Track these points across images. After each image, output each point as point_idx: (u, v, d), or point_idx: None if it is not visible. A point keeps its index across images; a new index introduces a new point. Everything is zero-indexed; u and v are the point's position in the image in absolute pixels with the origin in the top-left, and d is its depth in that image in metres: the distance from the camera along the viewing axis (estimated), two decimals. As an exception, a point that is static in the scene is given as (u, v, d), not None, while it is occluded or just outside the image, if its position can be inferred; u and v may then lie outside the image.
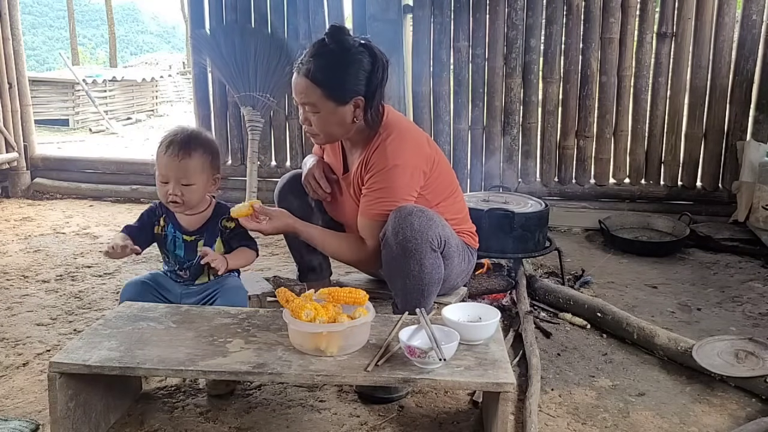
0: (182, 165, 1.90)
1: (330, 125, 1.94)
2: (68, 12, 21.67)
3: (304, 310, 1.58)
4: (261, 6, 4.12)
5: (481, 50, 3.86)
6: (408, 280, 1.89)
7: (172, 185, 1.91)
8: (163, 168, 1.92)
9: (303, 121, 1.97)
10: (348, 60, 1.88)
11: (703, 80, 3.69)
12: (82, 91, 10.60)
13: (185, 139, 1.92)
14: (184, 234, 2.00)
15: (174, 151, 1.90)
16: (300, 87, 1.90)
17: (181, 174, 1.91)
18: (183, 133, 1.94)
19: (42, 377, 2.00)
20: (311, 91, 1.88)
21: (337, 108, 1.90)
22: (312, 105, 1.90)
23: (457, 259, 2.04)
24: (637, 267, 3.20)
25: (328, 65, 1.87)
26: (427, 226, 1.86)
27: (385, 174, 1.92)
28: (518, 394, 1.91)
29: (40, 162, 4.90)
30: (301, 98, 1.92)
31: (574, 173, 3.95)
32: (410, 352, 1.54)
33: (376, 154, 1.95)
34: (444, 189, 2.07)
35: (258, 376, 1.56)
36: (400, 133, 1.97)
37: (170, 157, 1.90)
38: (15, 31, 4.68)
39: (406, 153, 1.95)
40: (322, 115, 1.91)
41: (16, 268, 3.12)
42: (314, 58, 1.88)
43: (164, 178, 1.93)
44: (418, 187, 1.97)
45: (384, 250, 1.91)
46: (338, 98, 1.89)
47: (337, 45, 1.89)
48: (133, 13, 45.70)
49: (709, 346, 2.08)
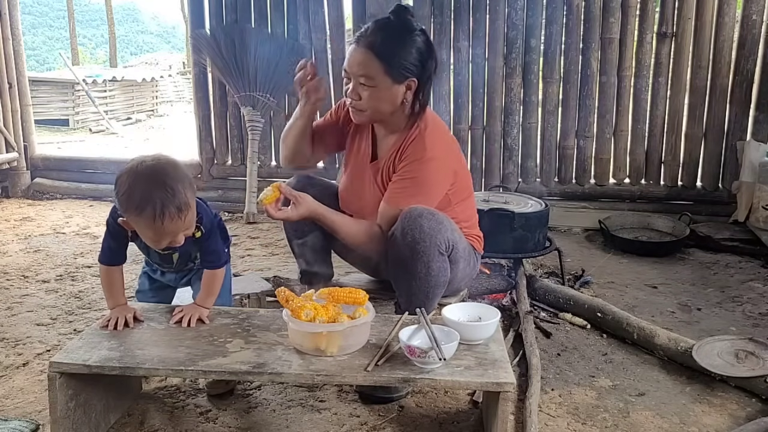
0: (185, 222, 1.66)
1: (381, 101, 1.91)
2: (68, 12, 21.70)
3: (304, 310, 1.58)
4: (261, 6, 4.12)
5: (481, 50, 3.85)
6: (414, 282, 1.88)
7: (167, 241, 1.69)
8: (165, 235, 1.66)
9: (351, 94, 1.92)
10: (411, 39, 1.88)
11: (703, 80, 3.69)
12: (82, 91, 10.60)
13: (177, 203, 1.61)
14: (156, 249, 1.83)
15: (173, 216, 1.62)
16: (359, 58, 1.87)
17: (184, 228, 1.68)
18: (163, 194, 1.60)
19: (42, 377, 2.00)
20: (371, 63, 1.85)
21: (392, 85, 1.88)
22: (369, 78, 1.87)
23: (463, 263, 2.03)
24: (637, 267, 3.20)
25: (391, 40, 1.86)
26: (436, 229, 1.85)
27: (420, 165, 1.92)
28: (518, 394, 1.91)
29: (40, 162, 4.90)
30: (359, 69, 1.87)
31: (574, 173, 3.95)
32: (410, 352, 1.54)
33: (413, 144, 1.94)
34: (464, 190, 2.08)
35: (258, 376, 1.56)
36: (438, 129, 2.00)
37: (172, 222, 1.62)
38: (15, 31, 4.69)
39: (444, 149, 1.97)
40: (375, 90, 1.88)
41: (16, 268, 3.12)
42: (378, 31, 1.86)
43: (166, 239, 1.68)
44: (448, 185, 1.98)
45: (391, 250, 1.90)
46: (396, 75, 1.87)
47: (402, 24, 1.89)
48: (133, 13, 45.72)
49: (709, 346, 2.08)
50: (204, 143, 4.41)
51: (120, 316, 1.74)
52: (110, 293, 1.81)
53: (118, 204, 1.65)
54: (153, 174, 1.63)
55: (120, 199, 1.64)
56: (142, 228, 1.66)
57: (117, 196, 1.64)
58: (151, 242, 1.72)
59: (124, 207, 1.64)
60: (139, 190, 1.60)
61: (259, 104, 4.07)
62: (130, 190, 1.61)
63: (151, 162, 1.66)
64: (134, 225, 1.67)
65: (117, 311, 1.77)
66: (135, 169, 1.64)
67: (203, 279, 1.87)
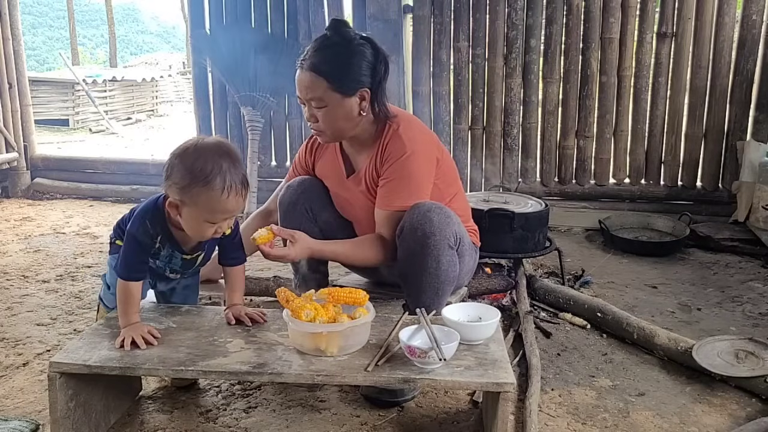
0: (245, 200, 1.70)
1: (337, 119, 1.90)
2: (68, 12, 21.69)
3: (304, 310, 1.58)
4: (261, 6, 4.12)
5: (481, 50, 3.86)
6: (424, 278, 1.88)
7: (227, 222, 1.69)
8: (225, 213, 1.65)
9: (309, 119, 1.93)
10: (351, 51, 1.86)
11: (703, 80, 3.69)
12: (82, 91, 10.60)
13: (242, 177, 1.65)
14: (183, 254, 1.81)
15: (238, 192, 1.64)
16: (305, 82, 1.87)
17: (235, 211, 1.68)
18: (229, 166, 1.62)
19: (42, 377, 2.00)
20: (316, 84, 1.85)
21: (343, 100, 1.87)
22: (318, 99, 1.87)
23: (467, 257, 2.04)
24: (637, 267, 3.20)
25: (332, 57, 1.85)
26: (445, 223, 1.85)
27: (402, 163, 1.91)
28: (518, 394, 1.91)
29: (40, 162, 4.90)
30: (306, 93, 1.88)
31: (574, 173, 3.95)
32: (410, 352, 1.54)
33: (390, 145, 1.93)
34: (453, 181, 2.08)
35: (258, 376, 1.56)
36: (408, 122, 1.98)
37: (235, 198, 1.63)
38: (15, 31, 4.69)
39: (421, 139, 1.96)
40: (328, 109, 1.88)
41: (16, 268, 3.12)
42: (317, 51, 1.86)
43: (222, 218, 1.66)
44: (433, 173, 1.97)
45: (401, 246, 1.89)
46: (344, 89, 1.86)
47: (340, 37, 1.87)
48: (133, 13, 45.72)
49: (709, 346, 2.08)
50: (204, 143, 4.40)
51: (135, 335, 1.64)
52: (125, 311, 1.69)
53: (181, 175, 1.60)
54: (219, 147, 1.64)
55: (181, 174, 1.59)
56: (203, 204, 1.60)
57: (174, 175, 1.61)
58: (199, 229, 1.65)
59: (187, 180, 1.59)
60: (208, 160, 1.59)
61: (259, 104, 4.07)
62: (197, 162, 1.59)
63: (214, 138, 1.68)
64: (193, 201, 1.60)
65: (131, 330, 1.66)
66: (197, 143, 1.64)
67: (235, 278, 1.86)
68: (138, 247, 1.72)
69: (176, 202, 1.64)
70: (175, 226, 1.74)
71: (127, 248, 1.72)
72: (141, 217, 1.72)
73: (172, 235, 1.75)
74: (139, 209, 1.75)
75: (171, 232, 1.75)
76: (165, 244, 1.76)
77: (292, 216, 2.13)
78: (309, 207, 2.13)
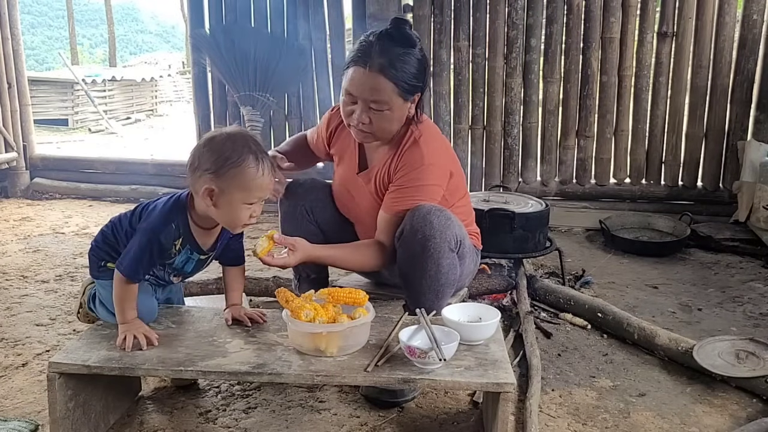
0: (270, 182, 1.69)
1: (393, 122, 1.86)
2: (67, 11, 21.65)
3: (303, 311, 1.58)
4: (261, 6, 4.12)
5: (481, 50, 3.85)
6: (424, 280, 1.87)
7: (260, 205, 1.69)
8: (260, 191, 1.65)
9: (360, 118, 1.83)
10: (415, 55, 1.82)
11: (704, 80, 3.68)
12: (81, 91, 10.60)
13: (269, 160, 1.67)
14: (200, 254, 1.79)
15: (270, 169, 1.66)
16: (371, 82, 1.78)
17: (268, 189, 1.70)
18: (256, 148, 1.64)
19: (41, 377, 2.00)
20: (384, 86, 1.78)
21: (404, 104, 1.85)
22: (383, 102, 1.80)
23: (468, 259, 2.03)
24: (638, 267, 3.19)
25: (402, 60, 1.79)
26: (445, 225, 1.83)
27: (418, 173, 1.88)
28: (518, 395, 1.91)
29: (39, 162, 4.90)
30: (371, 94, 1.79)
31: (575, 173, 3.94)
32: (410, 352, 1.54)
33: (410, 153, 1.90)
34: (459, 189, 2.06)
35: (258, 377, 1.56)
36: (431, 133, 1.95)
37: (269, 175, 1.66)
38: (14, 30, 4.68)
39: (440, 154, 1.94)
40: (389, 113, 1.83)
41: (15, 268, 3.12)
42: (385, 52, 1.77)
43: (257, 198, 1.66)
44: (445, 187, 1.95)
45: (401, 248, 1.88)
46: (407, 94, 1.83)
47: (405, 39, 1.81)
48: (132, 13, 45.72)
49: (710, 346, 2.08)
50: (204, 143, 4.40)
51: (137, 333, 1.64)
52: (124, 308, 1.67)
53: (213, 160, 1.60)
54: (242, 132, 1.68)
55: (213, 159, 1.60)
56: (239, 183, 1.60)
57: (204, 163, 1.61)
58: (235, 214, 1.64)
59: (220, 163, 1.60)
60: (237, 142, 1.62)
61: (259, 104, 4.07)
62: (225, 145, 1.61)
63: (233, 127, 1.72)
64: (228, 183, 1.60)
65: (131, 327, 1.65)
66: (222, 132, 1.67)
67: (235, 278, 1.87)
68: (158, 248, 1.68)
69: (211, 189, 1.61)
70: (196, 224, 1.72)
71: (144, 248, 1.65)
72: (167, 219, 1.68)
73: (192, 234, 1.72)
74: (162, 210, 1.69)
75: (191, 231, 1.72)
76: (185, 246, 1.72)
77: (293, 217, 2.13)
78: (309, 208, 2.13)
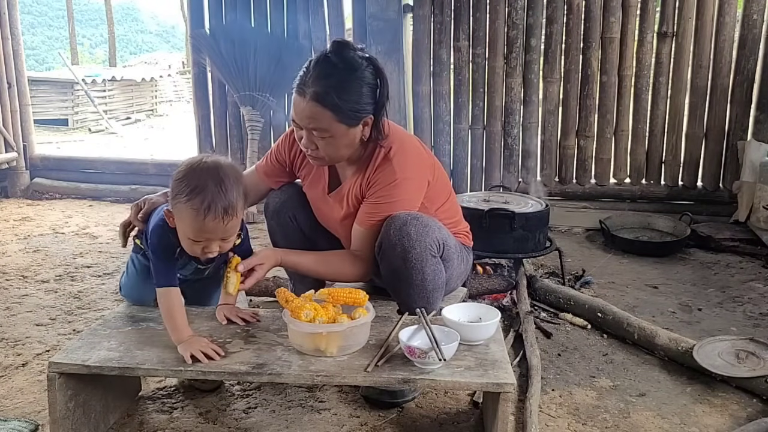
0: (226, 227, 1.63)
1: (339, 148, 1.81)
2: (67, 11, 21.64)
3: (303, 311, 1.58)
4: (261, 6, 4.12)
5: (481, 50, 3.85)
6: (411, 290, 1.85)
7: (215, 244, 1.66)
8: (204, 233, 1.62)
9: (306, 144, 1.80)
10: (355, 78, 1.74)
11: (704, 80, 3.68)
12: (81, 91, 10.60)
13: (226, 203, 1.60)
14: (199, 264, 1.82)
15: (217, 216, 1.59)
16: (308, 111, 1.74)
17: (223, 233, 1.65)
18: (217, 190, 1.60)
19: (41, 377, 2.00)
20: (321, 115, 1.73)
21: (348, 130, 1.77)
22: (323, 130, 1.75)
23: (456, 260, 2.01)
24: (638, 267, 3.19)
25: (338, 87, 1.72)
26: (423, 233, 1.80)
27: (391, 188, 1.84)
28: (519, 395, 1.91)
29: (39, 162, 4.90)
30: (309, 123, 1.75)
31: (575, 173, 3.94)
32: (410, 352, 1.54)
33: (380, 170, 1.86)
34: (441, 193, 2.02)
35: (258, 377, 1.56)
36: (402, 146, 1.89)
37: (213, 222, 1.59)
38: (14, 30, 4.68)
39: (412, 166, 1.88)
40: (332, 139, 1.77)
41: (15, 268, 3.12)
42: (320, 79, 1.72)
43: (203, 238, 1.63)
44: (422, 197, 1.91)
45: (383, 263, 1.85)
46: (350, 120, 1.76)
47: (345, 63, 1.74)
48: (132, 13, 45.69)
49: (710, 346, 2.07)
50: (203, 143, 4.40)
51: (194, 351, 1.58)
52: (174, 326, 1.65)
53: (173, 186, 1.63)
54: (217, 168, 1.63)
55: (175, 182, 1.63)
56: (184, 219, 1.61)
57: (173, 180, 1.64)
58: (187, 243, 1.65)
59: (174, 193, 1.62)
60: (196, 177, 1.61)
61: (259, 104, 4.07)
62: (189, 176, 1.61)
63: (221, 159, 1.68)
64: (178, 215, 1.62)
65: (187, 347, 1.60)
66: (201, 159, 1.66)
67: None
68: (162, 253, 1.70)
69: (170, 212, 1.66)
70: None
71: (154, 257, 1.71)
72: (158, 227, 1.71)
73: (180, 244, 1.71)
74: (153, 230, 1.72)
75: None
76: (184, 254, 1.73)
77: (277, 224, 2.12)
78: (293, 214, 2.10)
